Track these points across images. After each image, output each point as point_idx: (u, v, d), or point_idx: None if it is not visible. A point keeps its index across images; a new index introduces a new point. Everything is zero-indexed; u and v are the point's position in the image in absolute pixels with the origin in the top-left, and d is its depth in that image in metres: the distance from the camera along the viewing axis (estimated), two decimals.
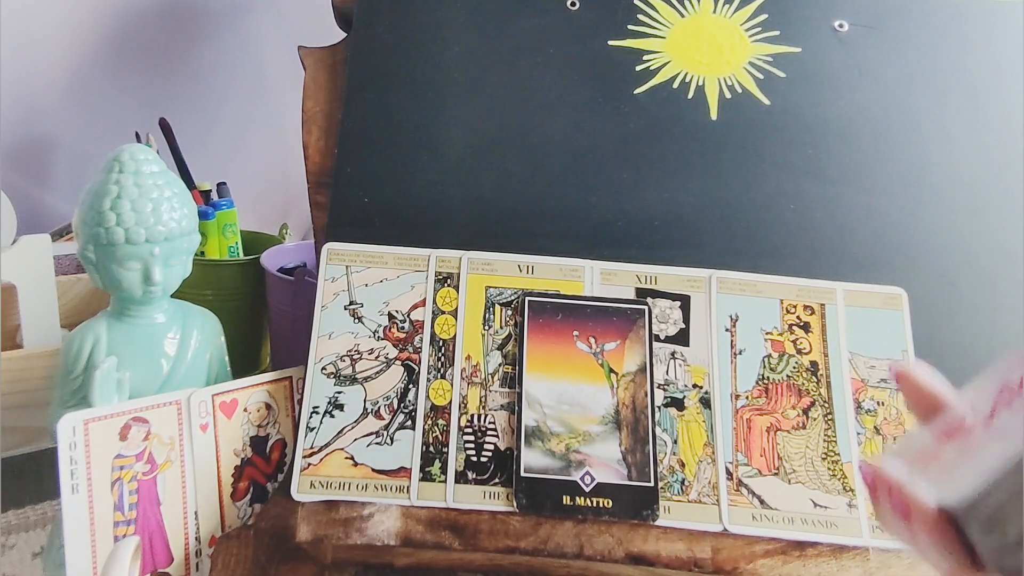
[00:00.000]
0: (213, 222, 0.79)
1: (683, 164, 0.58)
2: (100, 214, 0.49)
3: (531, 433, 0.50)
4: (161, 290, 0.52)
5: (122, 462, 0.48)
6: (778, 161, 0.58)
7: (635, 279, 0.55)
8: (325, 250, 0.55)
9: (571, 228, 0.56)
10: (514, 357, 0.52)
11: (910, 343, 0.54)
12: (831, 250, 0.56)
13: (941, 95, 0.61)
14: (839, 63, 0.61)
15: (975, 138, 0.60)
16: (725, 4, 0.63)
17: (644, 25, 0.62)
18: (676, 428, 0.51)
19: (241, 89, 1.02)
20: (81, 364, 0.51)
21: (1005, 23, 0.64)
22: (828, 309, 0.55)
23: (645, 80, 0.60)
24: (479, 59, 0.60)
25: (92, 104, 0.91)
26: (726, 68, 0.61)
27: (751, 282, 0.55)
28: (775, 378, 0.53)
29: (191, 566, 0.50)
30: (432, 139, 0.58)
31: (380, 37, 0.61)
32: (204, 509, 0.51)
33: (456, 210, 0.56)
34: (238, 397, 0.53)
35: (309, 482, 0.49)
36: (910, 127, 0.60)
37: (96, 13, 0.89)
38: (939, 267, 0.56)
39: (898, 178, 0.58)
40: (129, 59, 0.93)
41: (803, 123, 0.59)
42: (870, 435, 0.52)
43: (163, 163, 0.53)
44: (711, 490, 0.50)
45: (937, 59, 0.62)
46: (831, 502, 0.50)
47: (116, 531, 0.47)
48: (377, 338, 0.53)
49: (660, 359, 0.53)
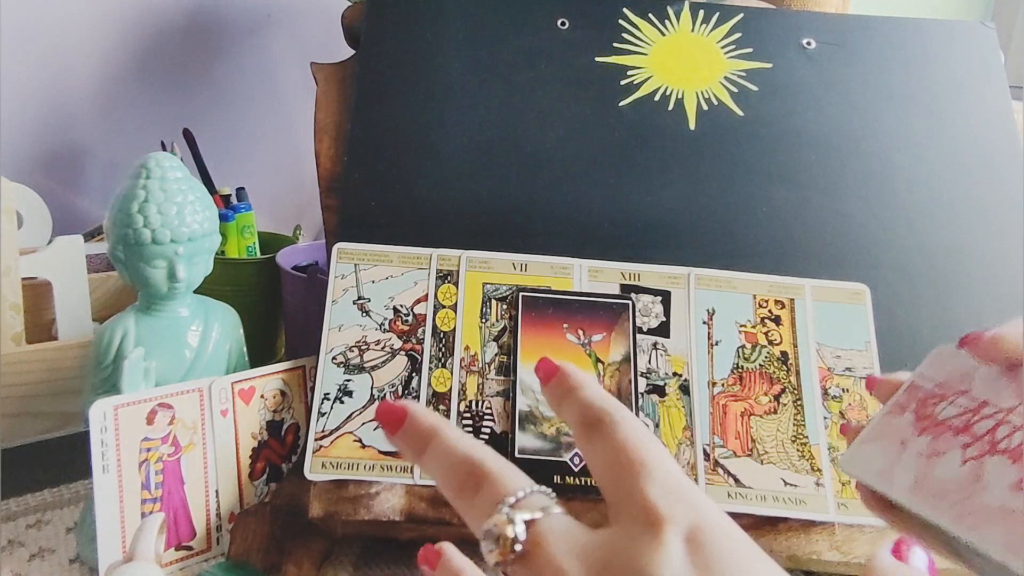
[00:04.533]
0: (232, 224, 0.79)
1: (664, 171, 0.58)
2: (129, 216, 0.49)
3: (525, 417, 0.50)
4: (185, 286, 0.52)
5: (149, 444, 0.48)
6: (751, 168, 0.58)
7: (620, 276, 0.55)
8: (335, 249, 0.55)
9: (561, 229, 0.56)
10: (509, 348, 0.52)
11: (872, 334, 0.54)
12: (800, 249, 0.56)
13: (901, 107, 0.61)
14: (807, 78, 0.61)
15: (933, 147, 0.60)
16: (703, 23, 0.63)
17: (628, 43, 0.62)
18: (658, 413, 0.51)
19: (258, 101, 1.02)
20: (111, 355, 0.51)
21: (959, 41, 0.64)
22: (797, 303, 0.55)
23: (629, 93, 0.60)
24: (477, 74, 0.60)
25: (121, 115, 0.91)
26: (703, 82, 0.61)
27: (726, 279, 0.55)
28: (749, 367, 0.53)
29: (212, 540, 0.50)
30: (434, 147, 0.58)
31: (386, 54, 0.61)
32: (224, 488, 0.51)
33: (456, 213, 0.56)
34: (255, 385, 0.53)
35: (321, 463, 0.49)
36: (873, 137, 0.60)
37: (125, 32, 0.89)
38: (899, 265, 0.57)
39: (862, 184, 0.59)
40: (155, 74, 0.93)
41: (774, 133, 0.60)
42: (836, 419, 0.52)
43: (187, 169, 0.53)
44: (690, 470, 0.50)
45: (897, 74, 0.62)
46: (800, 481, 0.50)
47: (143, 508, 0.47)
48: (383, 330, 0.53)
49: (643, 349, 0.53)
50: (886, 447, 0.31)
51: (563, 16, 0.62)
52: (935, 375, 0.32)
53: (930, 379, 0.32)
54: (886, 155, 0.60)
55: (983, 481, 0.27)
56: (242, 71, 1.00)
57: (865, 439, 0.32)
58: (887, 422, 0.32)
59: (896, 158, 0.60)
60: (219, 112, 0.99)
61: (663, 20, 0.63)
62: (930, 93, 0.62)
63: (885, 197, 0.58)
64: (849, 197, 0.58)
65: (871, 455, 0.31)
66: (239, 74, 1.00)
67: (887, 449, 0.31)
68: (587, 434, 0.25)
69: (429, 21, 0.62)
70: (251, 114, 1.02)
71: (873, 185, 0.59)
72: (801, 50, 0.62)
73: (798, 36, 0.63)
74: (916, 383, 0.33)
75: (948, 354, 0.33)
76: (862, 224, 0.58)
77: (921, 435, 0.30)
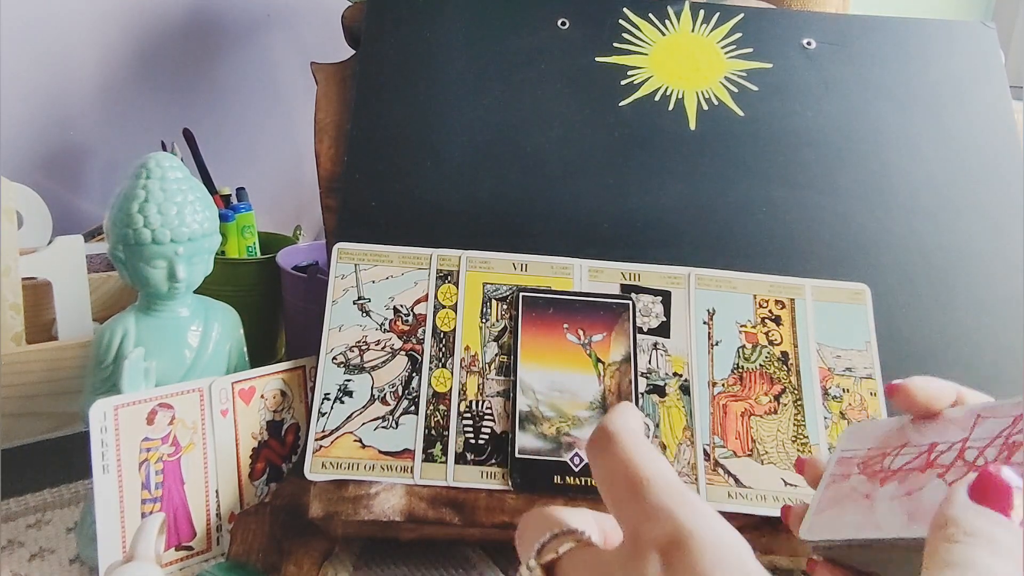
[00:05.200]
0: (232, 224, 0.79)
1: (664, 171, 0.58)
2: (129, 216, 0.49)
3: (525, 417, 0.50)
4: (185, 286, 0.52)
5: (149, 444, 0.48)
6: (751, 168, 0.58)
7: (620, 276, 0.55)
8: (335, 250, 0.55)
9: (562, 229, 0.56)
10: (509, 348, 0.52)
11: (873, 335, 0.54)
12: (800, 249, 0.56)
13: (901, 107, 0.61)
14: (807, 78, 0.61)
15: (933, 146, 0.60)
16: (703, 23, 0.63)
17: (628, 43, 0.62)
18: (658, 413, 0.51)
19: (258, 102, 1.02)
20: (111, 354, 0.51)
21: (959, 41, 0.64)
22: (797, 304, 0.55)
23: (629, 93, 0.60)
24: (477, 74, 0.60)
25: (121, 115, 0.91)
26: (704, 82, 0.61)
27: (727, 279, 0.55)
28: (749, 367, 0.53)
29: (212, 540, 0.50)
30: (434, 147, 0.58)
31: (386, 53, 0.61)
32: (224, 488, 0.51)
33: (456, 213, 0.56)
34: (255, 385, 0.53)
35: (321, 463, 0.49)
36: (873, 137, 0.60)
37: (126, 32, 0.89)
38: (899, 265, 0.56)
39: (862, 184, 0.58)
40: (156, 74, 0.93)
41: (774, 133, 0.59)
42: (836, 419, 0.52)
43: (187, 169, 0.53)
44: (690, 470, 0.50)
45: (897, 74, 0.62)
46: (800, 480, 0.50)
47: (143, 508, 0.47)
48: (383, 330, 0.53)
49: (643, 349, 0.53)
50: (850, 505, 0.33)
51: (563, 16, 0.62)
52: (860, 445, 0.36)
53: (856, 449, 0.35)
54: (886, 155, 0.59)
55: None
56: (242, 71, 1.00)
57: (820, 509, 0.34)
58: (835, 490, 0.34)
59: (896, 158, 0.59)
60: (219, 112, 0.99)
61: (663, 20, 0.63)
62: (930, 93, 0.62)
63: (885, 197, 0.58)
64: (849, 197, 0.58)
65: (835, 518, 0.33)
66: (239, 74, 1.00)
67: (852, 506, 0.32)
68: (589, 454, 0.28)
69: (429, 21, 0.62)
70: (251, 114, 1.02)
71: (873, 185, 0.58)
72: (801, 50, 0.62)
73: (798, 36, 0.63)
74: (843, 457, 0.36)
75: (862, 427, 0.37)
76: (862, 224, 0.57)
77: (884, 485, 0.32)
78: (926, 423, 0.33)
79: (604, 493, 0.27)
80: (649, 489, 0.25)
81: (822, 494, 0.35)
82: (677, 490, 0.25)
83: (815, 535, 0.33)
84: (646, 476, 0.25)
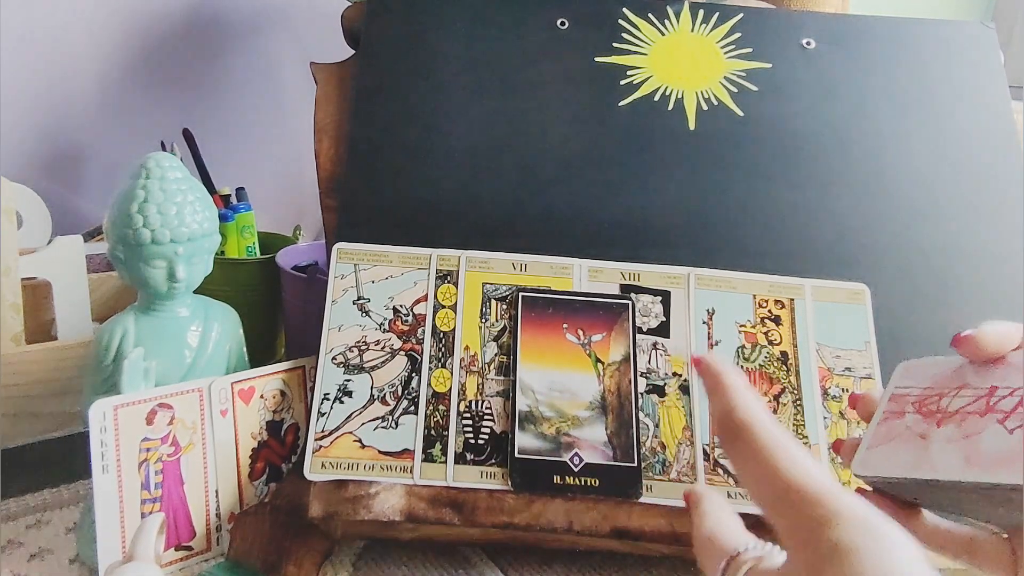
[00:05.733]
0: (232, 224, 0.79)
1: (664, 171, 0.58)
2: (128, 217, 0.49)
3: (524, 417, 0.50)
4: (184, 286, 0.52)
5: (148, 444, 0.48)
6: (751, 168, 0.58)
7: (620, 276, 0.55)
8: (335, 250, 0.54)
9: (561, 229, 0.56)
10: (509, 348, 0.52)
11: (872, 334, 0.54)
12: (800, 249, 0.56)
13: (901, 107, 0.61)
14: (807, 78, 0.61)
15: (932, 146, 0.60)
16: (702, 23, 0.63)
17: (628, 43, 0.62)
18: (658, 413, 0.51)
19: (258, 102, 1.02)
20: (111, 355, 0.51)
21: (959, 41, 0.64)
22: (797, 303, 0.55)
23: (629, 93, 0.60)
24: (477, 74, 0.60)
25: (121, 115, 0.91)
26: (703, 82, 0.61)
27: (726, 279, 0.55)
28: (748, 367, 0.53)
29: (212, 540, 0.50)
30: (433, 147, 0.58)
31: (386, 54, 0.61)
32: (224, 488, 0.51)
33: (456, 213, 0.56)
34: (255, 385, 0.53)
35: (320, 463, 0.49)
36: (872, 137, 0.60)
37: (126, 32, 0.89)
38: (899, 265, 0.56)
39: (861, 184, 0.58)
40: (155, 74, 0.93)
41: (774, 133, 0.59)
42: (835, 419, 0.52)
43: (186, 170, 0.53)
44: (690, 470, 0.50)
45: (897, 74, 0.62)
46: None
47: (143, 508, 0.47)
48: (383, 330, 0.53)
49: (643, 349, 0.53)
50: (904, 444, 0.32)
51: (563, 16, 0.62)
52: (915, 383, 0.35)
53: (911, 387, 0.35)
54: (886, 155, 0.59)
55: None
56: (242, 71, 1.00)
57: (873, 444, 0.34)
58: (889, 426, 0.34)
59: (896, 158, 0.59)
60: (219, 112, 0.99)
61: (663, 20, 0.63)
62: (930, 93, 0.62)
63: (885, 197, 0.58)
64: (848, 197, 0.58)
65: (889, 455, 0.33)
66: (239, 74, 1.00)
67: (907, 445, 0.32)
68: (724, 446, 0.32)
69: (429, 21, 0.62)
70: (251, 114, 1.02)
71: (873, 185, 0.58)
72: (801, 50, 0.62)
73: (798, 36, 0.63)
74: (896, 393, 0.35)
75: (918, 365, 0.36)
76: (861, 224, 0.57)
77: (941, 426, 0.32)
78: (986, 365, 0.32)
79: (759, 495, 0.30)
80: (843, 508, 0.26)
81: (875, 430, 0.35)
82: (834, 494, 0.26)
83: (868, 470, 0.33)
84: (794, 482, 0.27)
